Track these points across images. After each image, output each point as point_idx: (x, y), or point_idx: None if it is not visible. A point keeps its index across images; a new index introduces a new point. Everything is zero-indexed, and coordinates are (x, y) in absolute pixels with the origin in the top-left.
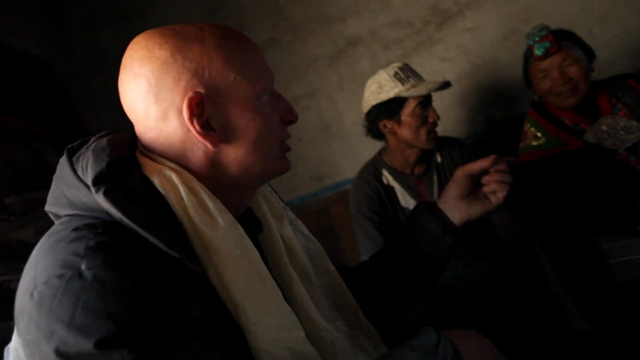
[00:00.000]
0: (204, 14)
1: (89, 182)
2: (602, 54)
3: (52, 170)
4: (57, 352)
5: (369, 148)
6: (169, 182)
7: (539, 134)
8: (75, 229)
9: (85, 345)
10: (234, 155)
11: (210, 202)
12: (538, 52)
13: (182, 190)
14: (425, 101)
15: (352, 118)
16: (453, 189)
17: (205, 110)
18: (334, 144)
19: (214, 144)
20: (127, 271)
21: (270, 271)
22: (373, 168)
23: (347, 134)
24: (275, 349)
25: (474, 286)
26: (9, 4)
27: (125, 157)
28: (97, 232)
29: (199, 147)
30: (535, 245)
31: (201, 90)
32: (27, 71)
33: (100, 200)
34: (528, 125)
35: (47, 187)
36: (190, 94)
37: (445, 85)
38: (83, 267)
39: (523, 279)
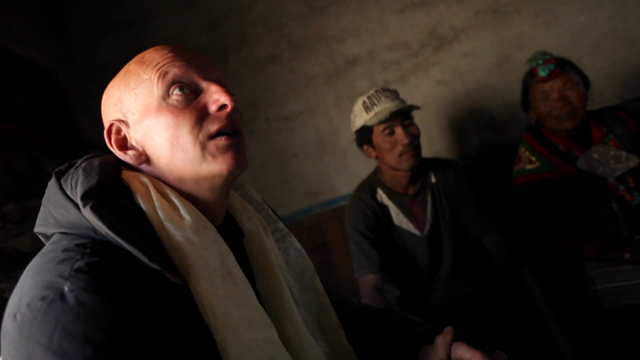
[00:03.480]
0: (204, 29)
1: (78, 198)
2: (591, 83)
3: (49, 178)
4: None
5: (364, 166)
6: (144, 186)
7: (533, 158)
8: (64, 250)
9: None
10: (162, 163)
11: (179, 203)
12: (543, 73)
13: (152, 192)
14: (390, 125)
15: (347, 136)
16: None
17: (125, 134)
18: (329, 160)
19: (137, 161)
20: (110, 295)
21: (256, 280)
22: (369, 186)
23: (342, 151)
24: (244, 351)
25: (464, 307)
26: (10, 9)
27: (114, 177)
28: (85, 253)
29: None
30: (525, 268)
31: (120, 117)
32: (26, 77)
33: (87, 214)
34: (523, 149)
35: None
36: (107, 125)
37: (409, 109)
38: (66, 289)
39: (512, 301)
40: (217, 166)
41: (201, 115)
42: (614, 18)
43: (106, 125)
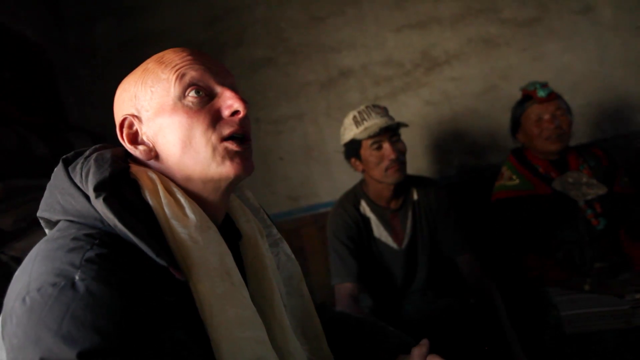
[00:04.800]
0: (203, 24)
1: (90, 189)
2: None
3: (37, 158)
4: None
5: (347, 175)
6: (152, 182)
7: (514, 177)
8: (74, 239)
9: (68, 354)
10: (171, 161)
11: (185, 202)
12: (542, 93)
13: (160, 189)
14: (378, 140)
15: (334, 145)
16: None
17: (137, 129)
18: (314, 167)
19: (147, 156)
20: (118, 287)
21: (248, 281)
22: (353, 197)
23: (327, 159)
24: (236, 348)
25: (432, 321)
26: None
27: (123, 170)
28: (94, 244)
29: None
30: (494, 289)
31: (133, 111)
32: (15, 52)
33: (99, 206)
34: (505, 167)
35: (32, 175)
36: (120, 119)
37: (397, 126)
38: (77, 277)
39: (478, 320)
40: (225, 169)
41: (214, 119)
42: (594, 61)
43: (118, 118)
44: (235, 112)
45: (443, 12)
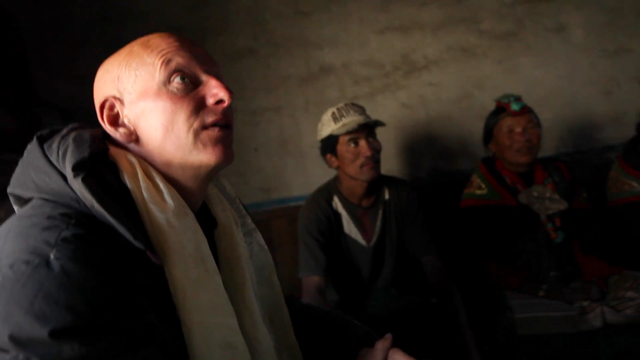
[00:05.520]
0: (186, 8)
1: (67, 168)
2: None
3: (2, 132)
4: (10, 337)
5: (321, 171)
6: (131, 165)
7: (483, 185)
8: (49, 217)
9: (39, 332)
10: (152, 145)
11: (163, 187)
12: (516, 107)
13: (139, 172)
14: (355, 137)
15: (310, 140)
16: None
17: (118, 111)
18: (288, 160)
19: (127, 139)
20: (94, 266)
21: (220, 269)
22: (327, 192)
23: (302, 154)
24: (207, 333)
25: (395, 318)
26: None
27: (102, 151)
28: (70, 223)
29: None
30: (455, 290)
31: (115, 93)
32: None
33: (76, 185)
34: (475, 176)
35: None
36: (101, 100)
37: (375, 124)
38: (52, 256)
39: (439, 318)
40: (205, 156)
41: (198, 106)
42: (563, 79)
43: (99, 99)
44: (220, 101)
45: (426, 18)
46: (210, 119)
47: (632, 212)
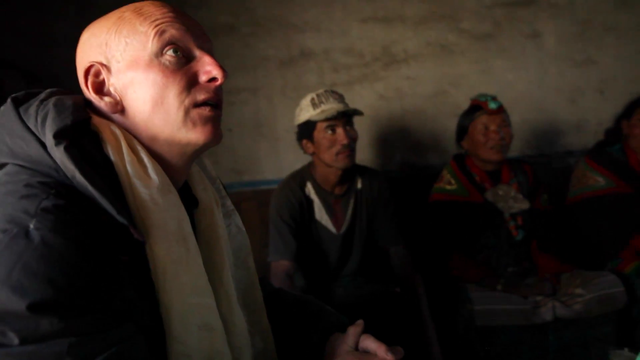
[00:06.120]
0: None
1: (48, 135)
2: None
3: None
4: None
5: (294, 156)
6: (115, 137)
7: (452, 181)
8: (27, 185)
9: (17, 304)
10: (138, 118)
11: (148, 162)
12: (494, 105)
13: (123, 146)
14: (333, 124)
15: (285, 124)
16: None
17: (104, 79)
18: (262, 143)
19: (112, 109)
20: (75, 239)
21: (200, 249)
22: (300, 178)
23: (276, 137)
24: (186, 313)
25: (359, 305)
26: None
27: (84, 120)
28: (50, 193)
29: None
30: (419, 281)
31: (101, 59)
32: None
33: (57, 154)
34: (446, 171)
35: None
36: (86, 65)
37: (354, 112)
38: (31, 226)
39: (402, 307)
40: (194, 135)
41: (190, 82)
42: (533, 83)
43: (84, 64)
44: (213, 79)
45: (408, 12)
46: (202, 96)
47: (593, 205)
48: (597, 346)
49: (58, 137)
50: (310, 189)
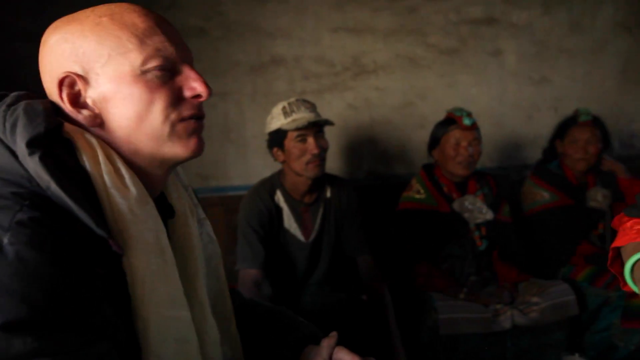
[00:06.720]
0: None
1: (20, 144)
2: None
3: None
4: None
5: (262, 162)
6: (91, 146)
7: (421, 190)
8: None
9: None
10: (120, 132)
11: (125, 172)
12: (468, 122)
13: (100, 155)
14: (304, 134)
15: (254, 130)
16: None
17: (80, 90)
18: (229, 149)
19: (90, 123)
20: (52, 254)
21: (175, 259)
22: (270, 185)
23: (244, 143)
24: (163, 327)
25: (326, 314)
26: None
27: (56, 127)
28: (24, 204)
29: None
30: (386, 290)
31: (77, 70)
32: None
33: (31, 164)
34: (415, 180)
35: None
36: (60, 75)
37: (325, 122)
38: (5, 241)
39: (368, 316)
40: (180, 148)
41: (175, 97)
42: (495, 99)
43: (56, 74)
44: (198, 96)
45: (378, 24)
46: (187, 112)
47: (543, 217)
48: (550, 352)
49: (31, 146)
50: (279, 197)
